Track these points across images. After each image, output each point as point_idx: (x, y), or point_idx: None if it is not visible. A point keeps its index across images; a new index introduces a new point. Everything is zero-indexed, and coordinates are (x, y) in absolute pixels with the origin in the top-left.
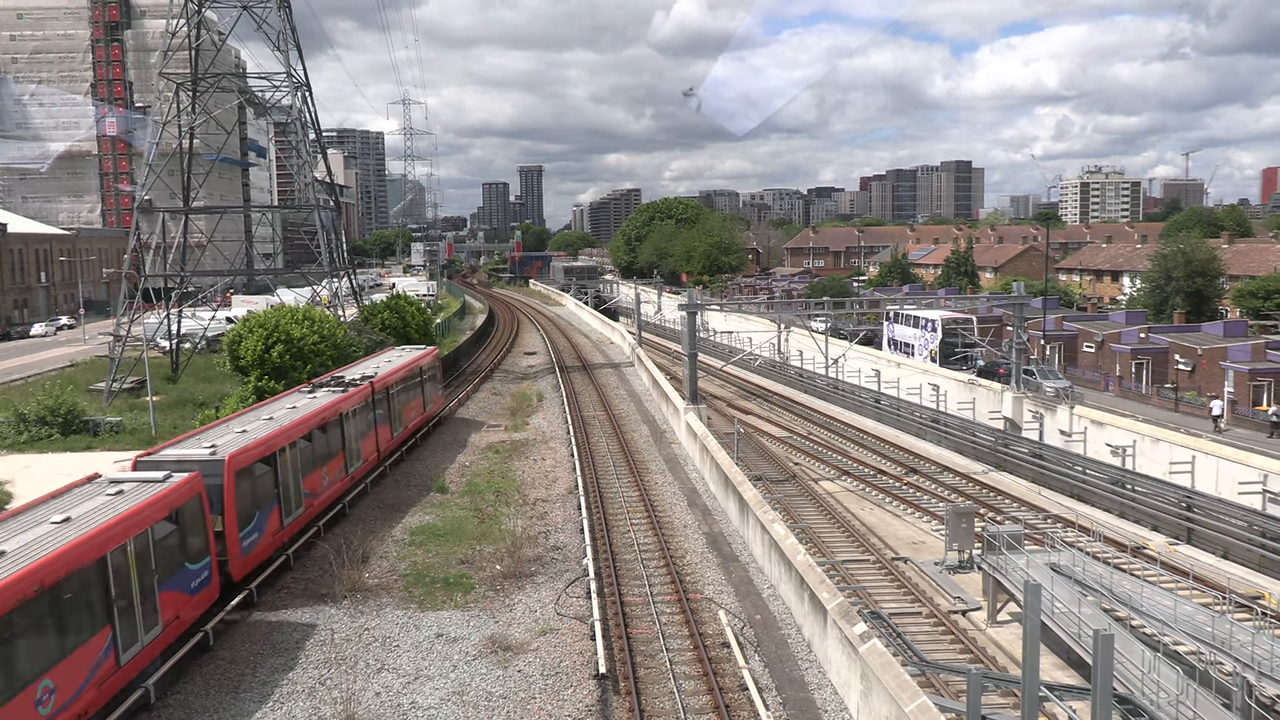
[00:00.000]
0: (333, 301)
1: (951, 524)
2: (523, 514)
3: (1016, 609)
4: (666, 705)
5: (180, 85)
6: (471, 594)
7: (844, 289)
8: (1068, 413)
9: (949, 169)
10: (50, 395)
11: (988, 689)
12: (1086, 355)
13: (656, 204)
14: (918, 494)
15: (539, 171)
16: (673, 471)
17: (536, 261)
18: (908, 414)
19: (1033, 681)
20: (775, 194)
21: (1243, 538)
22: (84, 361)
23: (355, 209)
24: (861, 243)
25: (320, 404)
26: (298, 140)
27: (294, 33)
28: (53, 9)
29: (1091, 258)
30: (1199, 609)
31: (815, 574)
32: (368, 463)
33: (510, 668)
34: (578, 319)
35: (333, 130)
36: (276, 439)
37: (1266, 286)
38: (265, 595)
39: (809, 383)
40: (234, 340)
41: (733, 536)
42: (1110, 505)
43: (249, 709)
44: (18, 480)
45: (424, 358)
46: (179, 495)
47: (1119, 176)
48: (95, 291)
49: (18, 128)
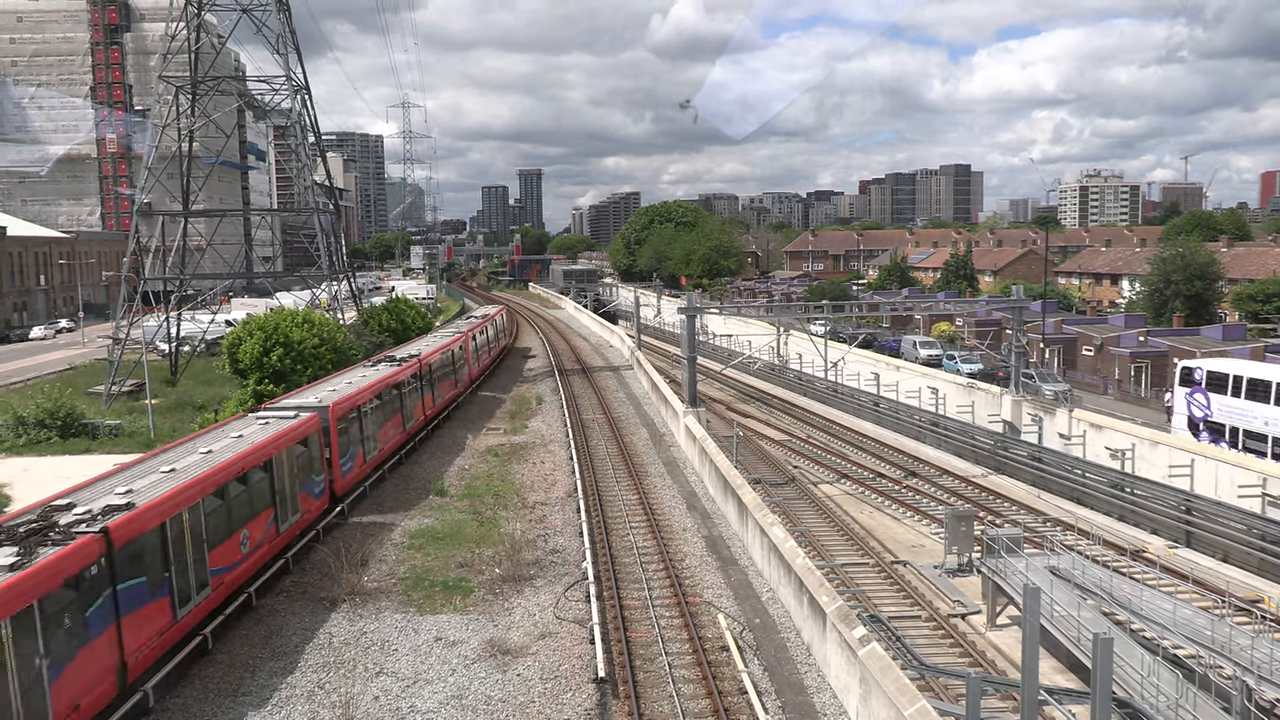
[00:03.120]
0: (332, 305)
1: (951, 527)
2: (522, 517)
3: (1016, 612)
4: (665, 709)
5: (180, 88)
6: (470, 597)
7: (843, 292)
8: (1067, 416)
9: (948, 172)
10: (49, 398)
11: (987, 693)
12: (1086, 359)
13: (656, 207)
14: (917, 497)
15: (538, 175)
16: (672, 475)
17: (536, 265)
18: (907, 417)
19: (1032, 685)
20: (774, 197)
21: (1242, 541)
22: (83, 364)
23: (354, 212)
24: (861, 246)
25: (383, 374)
26: (297, 143)
27: (293, 36)
28: (52, 12)
29: (1090, 261)
30: (1198, 612)
31: (814, 577)
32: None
33: (509, 671)
34: (577, 322)
35: (332, 133)
36: (359, 396)
37: (1265, 290)
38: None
39: (808, 386)
40: (233, 343)
41: (732, 540)
42: (1109, 508)
43: (248, 713)
44: (16, 483)
45: (455, 342)
46: (306, 428)
47: (1118, 180)
48: (94, 294)
49: (17, 131)
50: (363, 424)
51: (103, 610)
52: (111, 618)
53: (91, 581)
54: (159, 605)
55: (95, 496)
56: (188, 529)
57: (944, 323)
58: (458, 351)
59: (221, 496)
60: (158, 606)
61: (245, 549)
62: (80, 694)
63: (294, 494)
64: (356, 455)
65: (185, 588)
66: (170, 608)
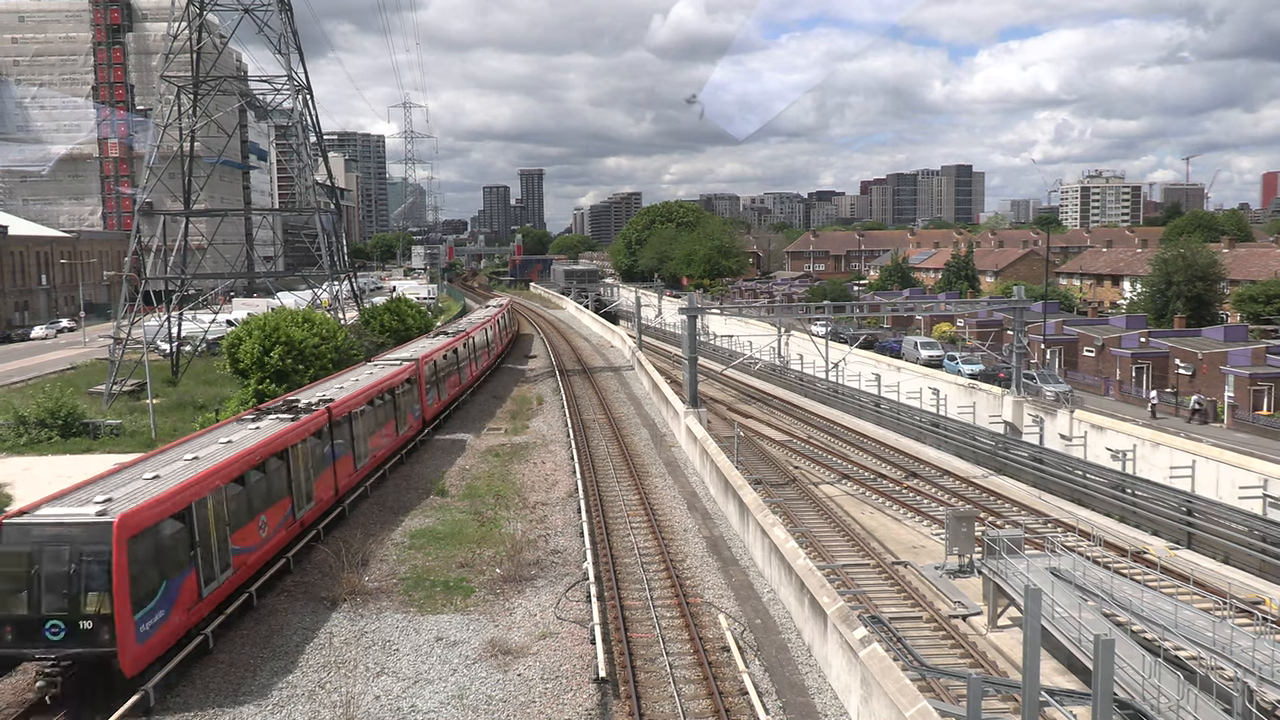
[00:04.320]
0: (333, 304)
1: (952, 528)
2: (523, 517)
3: (1017, 614)
4: (666, 709)
5: (181, 88)
6: (471, 597)
7: (844, 293)
8: (1068, 417)
9: (949, 173)
10: (50, 398)
11: (988, 694)
12: (1087, 359)
13: (657, 207)
14: (918, 498)
15: (539, 175)
16: (673, 475)
17: (537, 265)
18: (908, 418)
19: (1033, 686)
20: (775, 198)
21: (1243, 542)
22: (84, 364)
23: (356, 212)
24: (862, 247)
25: (440, 343)
26: (298, 143)
27: (295, 36)
28: (54, 12)
29: (1092, 262)
30: (1199, 614)
31: (815, 578)
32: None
33: (510, 671)
34: (578, 322)
35: (333, 133)
36: (431, 354)
37: (1267, 291)
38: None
39: (809, 387)
40: (233, 343)
41: (733, 540)
42: (1110, 510)
43: (249, 712)
44: (17, 482)
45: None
46: (409, 371)
47: (1119, 181)
48: (96, 294)
49: (19, 130)
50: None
51: (329, 452)
52: (331, 459)
53: (323, 434)
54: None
55: (316, 393)
56: (361, 418)
57: (945, 323)
58: (489, 329)
59: (373, 404)
60: (351, 458)
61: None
62: (321, 492)
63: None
64: (435, 396)
65: (363, 451)
66: (353, 461)
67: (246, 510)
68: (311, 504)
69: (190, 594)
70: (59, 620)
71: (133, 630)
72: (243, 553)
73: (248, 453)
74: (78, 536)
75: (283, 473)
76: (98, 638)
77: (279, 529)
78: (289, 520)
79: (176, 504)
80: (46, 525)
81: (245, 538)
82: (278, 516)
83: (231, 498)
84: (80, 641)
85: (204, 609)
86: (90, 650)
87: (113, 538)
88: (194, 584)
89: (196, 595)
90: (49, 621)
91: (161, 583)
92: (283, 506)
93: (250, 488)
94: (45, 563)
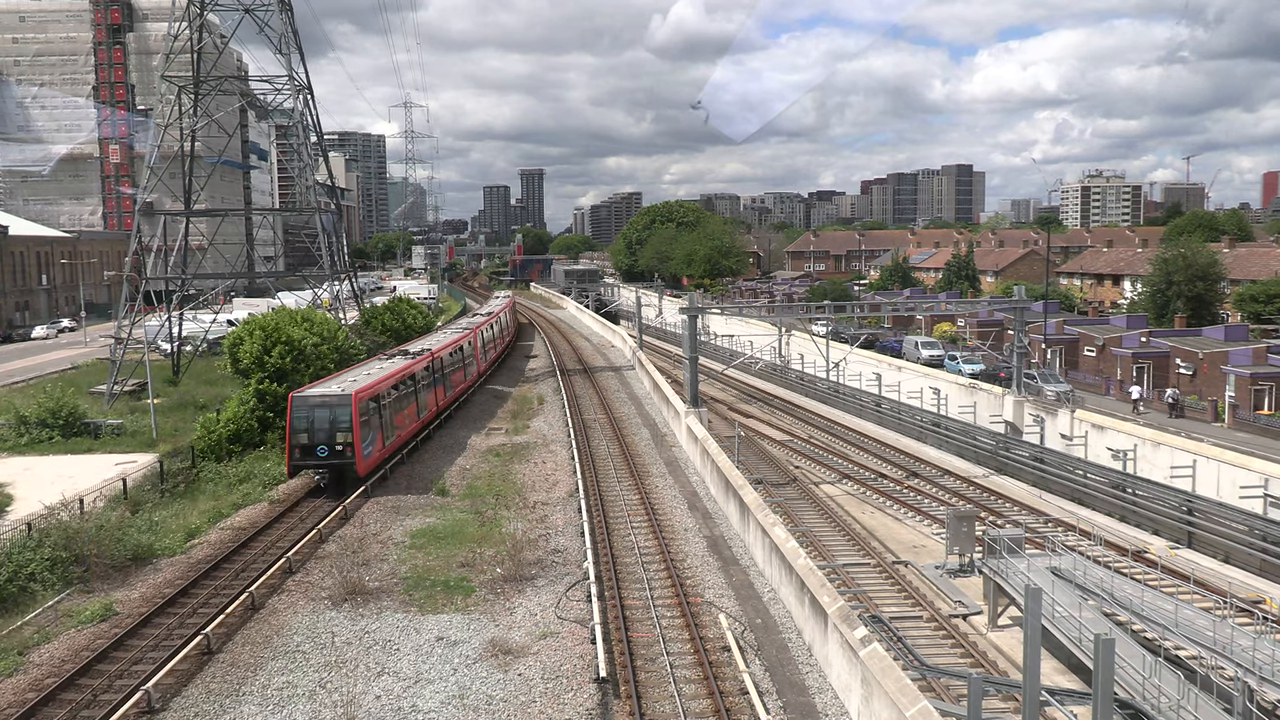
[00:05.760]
0: (334, 304)
1: (952, 528)
2: (523, 517)
3: (1017, 613)
4: (667, 709)
5: (182, 88)
6: (472, 597)
7: (845, 293)
8: (1068, 416)
9: (949, 173)
10: (51, 397)
11: (989, 693)
12: (1087, 359)
13: (657, 207)
14: (918, 497)
15: (540, 175)
16: (673, 475)
17: (537, 265)
18: (908, 417)
19: (1034, 686)
20: (776, 197)
21: (1244, 542)
22: (85, 364)
23: (356, 212)
24: (862, 246)
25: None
26: (299, 143)
27: (295, 36)
28: (55, 12)
29: (1092, 262)
30: (1200, 613)
31: (816, 578)
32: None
33: (511, 671)
34: (578, 322)
35: (334, 133)
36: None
37: (1267, 291)
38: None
39: (810, 386)
40: (234, 343)
41: (733, 540)
42: (1111, 509)
43: (250, 712)
44: (18, 482)
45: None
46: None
47: (1119, 180)
48: (96, 294)
49: (20, 130)
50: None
51: (433, 380)
52: (433, 385)
53: (426, 370)
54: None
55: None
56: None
57: (946, 323)
58: (503, 318)
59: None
60: (444, 388)
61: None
62: (424, 409)
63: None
64: (473, 368)
65: (450, 384)
66: (445, 390)
67: (398, 405)
68: (426, 411)
69: (381, 441)
70: (325, 446)
71: (361, 453)
72: (398, 429)
73: (397, 372)
74: (333, 402)
75: (413, 387)
76: (345, 455)
77: (411, 421)
78: (415, 417)
79: (374, 392)
80: (315, 396)
81: (400, 420)
82: (412, 412)
83: (392, 396)
84: (336, 457)
85: (386, 452)
86: (341, 462)
87: (352, 402)
88: (382, 436)
89: (384, 443)
90: (319, 446)
91: (373, 432)
92: (412, 409)
93: (401, 392)
94: (316, 416)
